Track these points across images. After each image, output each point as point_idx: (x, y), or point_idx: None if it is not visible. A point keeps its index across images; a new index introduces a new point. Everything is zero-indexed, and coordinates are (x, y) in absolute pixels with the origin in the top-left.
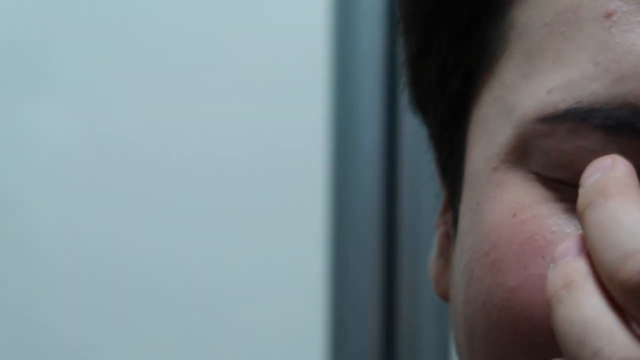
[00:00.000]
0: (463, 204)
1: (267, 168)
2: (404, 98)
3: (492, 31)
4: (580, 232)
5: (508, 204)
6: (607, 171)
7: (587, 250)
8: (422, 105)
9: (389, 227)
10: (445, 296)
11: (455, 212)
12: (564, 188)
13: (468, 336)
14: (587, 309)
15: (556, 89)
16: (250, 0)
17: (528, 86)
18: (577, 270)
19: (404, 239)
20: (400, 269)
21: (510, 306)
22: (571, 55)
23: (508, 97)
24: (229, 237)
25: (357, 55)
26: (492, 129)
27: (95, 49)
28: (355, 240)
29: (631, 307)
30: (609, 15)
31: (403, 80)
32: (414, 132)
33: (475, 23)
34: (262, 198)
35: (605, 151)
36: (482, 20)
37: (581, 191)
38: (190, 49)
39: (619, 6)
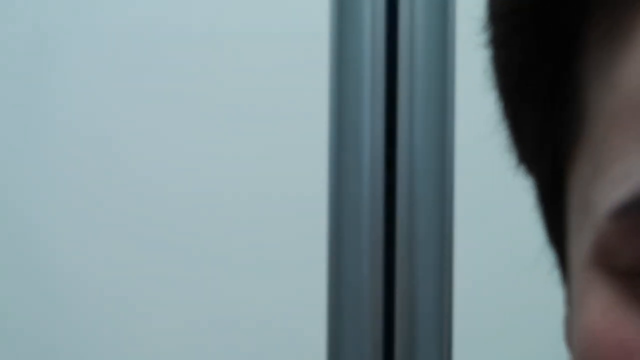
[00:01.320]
0: (571, 302)
1: (268, 173)
2: (404, 101)
3: (571, 107)
4: None
5: (596, 306)
6: None
7: None
8: (526, 166)
9: (387, 235)
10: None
11: (567, 290)
12: None
13: None
14: None
15: (619, 180)
16: (249, 5)
17: (597, 183)
18: None
19: (401, 246)
20: (397, 275)
21: None
22: (632, 141)
23: (585, 191)
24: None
25: (358, 59)
26: (579, 223)
27: None
28: (354, 247)
29: None
30: None
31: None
32: (412, 140)
33: (556, 93)
34: (265, 203)
35: None
36: (563, 91)
37: None
38: (193, 52)
39: None
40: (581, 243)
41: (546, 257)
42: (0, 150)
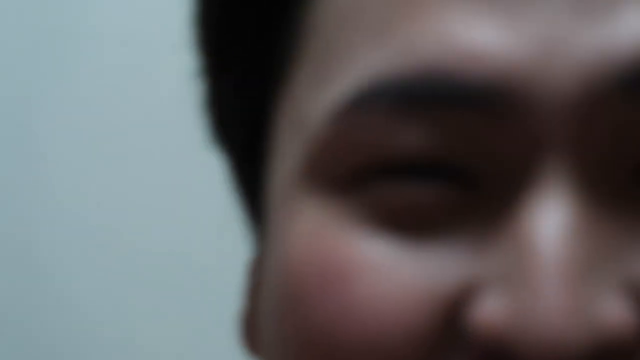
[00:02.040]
0: (267, 241)
1: None
2: None
3: (285, 38)
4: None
5: (308, 231)
6: None
7: None
8: (222, 131)
9: None
10: (257, 352)
11: (263, 252)
12: (368, 192)
13: None
14: None
15: (346, 85)
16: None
17: (319, 93)
18: None
19: None
20: None
21: (322, 343)
22: (359, 43)
23: (300, 111)
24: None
25: None
26: (286, 151)
27: None
28: None
29: None
30: None
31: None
32: None
33: (267, 28)
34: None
35: (406, 128)
36: (274, 26)
37: None
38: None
39: None
40: (287, 171)
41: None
42: None
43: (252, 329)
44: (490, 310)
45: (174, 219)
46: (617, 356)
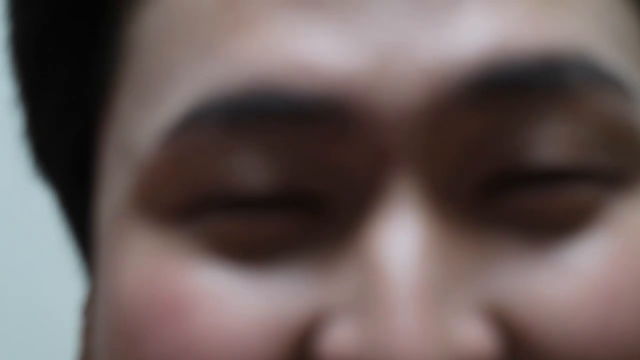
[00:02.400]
0: (97, 277)
1: None
2: None
3: (103, 62)
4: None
5: (139, 266)
6: None
7: None
8: (44, 162)
9: None
10: None
11: (93, 289)
12: (204, 222)
13: None
14: None
15: (173, 107)
16: None
17: (145, 118)
18: None
19: None
20: None
21: None
22: (184, 63)
23: (126, 138)
24: None
25: None
26: (113, 180)
27: None
28: None
29: None
30: (226, 5)
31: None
32: None
33: (82, 51)
34: None
35: (239, 151)
36: (89, 49)
37: None
38: None
39: None
40: (116, 200)
41: None
42: None
43: None
44: (340, 340)
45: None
46: None
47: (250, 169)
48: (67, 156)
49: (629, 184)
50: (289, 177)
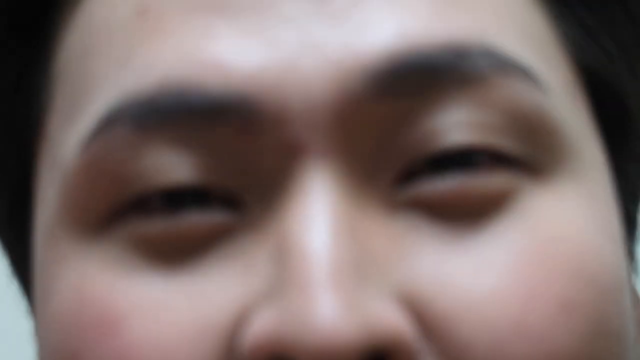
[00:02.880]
0: (36, 299)
1: None
2: None
3: (40, 86)
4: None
5: (72, 282)
6: None
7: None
8: None
9: None
10: None
11: (34, 314)
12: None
13: None
14: None
15: (92, 114)
16: None
17: (70, 129)
18: None
19: None
20: None
21: None
22: (104, 74)
23: (54, 153)
24: None
25: None
26: (48, 198)
27: None
28: None
29: None
30: (140, 14)
31: None
32: None
33: (26, 79)
34: None
35: (155, 151)
36: (32, 76)
37: None
38: None
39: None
40: (47, 218)
41: None
42: None
43: None
44: (260, 325)
45: None
46: (395, 357)
47: (164, 169)
48: (7, 205)
49: (544, 175)
50: (204, 175)
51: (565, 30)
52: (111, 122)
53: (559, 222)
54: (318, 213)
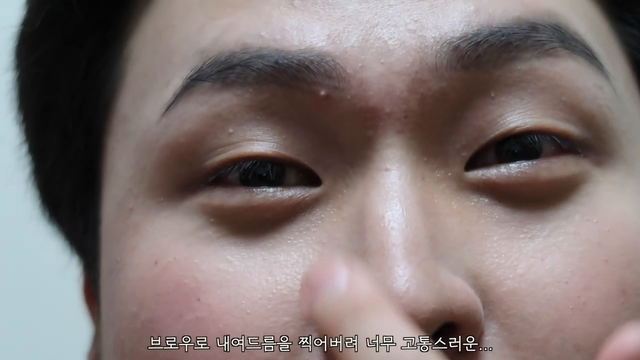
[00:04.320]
0: (102, 273)
1: None
2: None
3: (110, 70)
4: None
5: (148, 252)
6: (344, 288)
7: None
8: (48, 191)
9: None
10: None
11: (97, 290)
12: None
13: None
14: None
15: (170, 80)
16: None
17: (146, 102)
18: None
19: None
20: None
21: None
22: (180, 44)
23: (128, 125)
24: None
25: None
26: (120, 169)
27: None
28: None
29: None
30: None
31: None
32: None
33: (94, 66)
34: None
35: (228, 108)
36: (100, 62)
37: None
38: None
39: None
40: (123, 188)
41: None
42: None
43: None
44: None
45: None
46: (464, 326)
47: (243, 141)
48: (72, 177)
49: (604, 162)
50: (282, 150)
51: (619, 28)
52: (194, 80)
53: (620, 212)
54: (397, 190)
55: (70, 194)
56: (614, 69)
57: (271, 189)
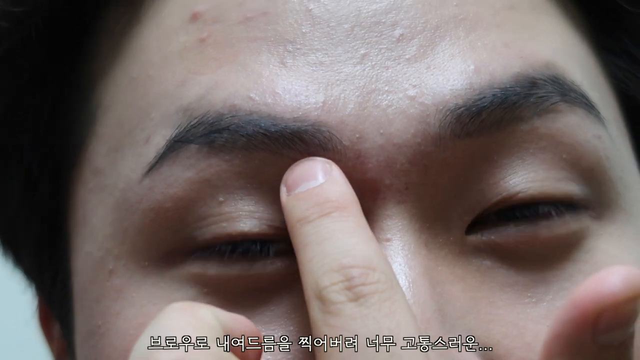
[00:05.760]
0: (78, 332)
1: None
2: None
3: (78, 114)
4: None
5: (135, 320)
6: (321, 181)
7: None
8: (10, 237)
9: None
10: None
11: (71, 348)
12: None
13: None
14: None
15: (150, 140)
16: None
17: (122, 156)
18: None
19: None
20: None
21: None
22: (155, 98)
23: (103, 179)
24: None
25: None
26: (96, 224)
27: None
28: None
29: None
30: (199, 41)
31: None
32: None
33: (58, 109)
34: None
35: (216, 172)
36: (65, 106)
37: (290, 199)
38: None
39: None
40: (100, 246)
41: None
42: None
43: None
44: None
45: None
46: None
47: (230, 215)
48: (36, 222)
49: (603, 214)
50: (277, 216)
51: (605, 58)
52: (179, 141)
53: (621, 263)
54: (401, 262)
55: (35, 243)
56: (607, 112)
57: (269, 259)
